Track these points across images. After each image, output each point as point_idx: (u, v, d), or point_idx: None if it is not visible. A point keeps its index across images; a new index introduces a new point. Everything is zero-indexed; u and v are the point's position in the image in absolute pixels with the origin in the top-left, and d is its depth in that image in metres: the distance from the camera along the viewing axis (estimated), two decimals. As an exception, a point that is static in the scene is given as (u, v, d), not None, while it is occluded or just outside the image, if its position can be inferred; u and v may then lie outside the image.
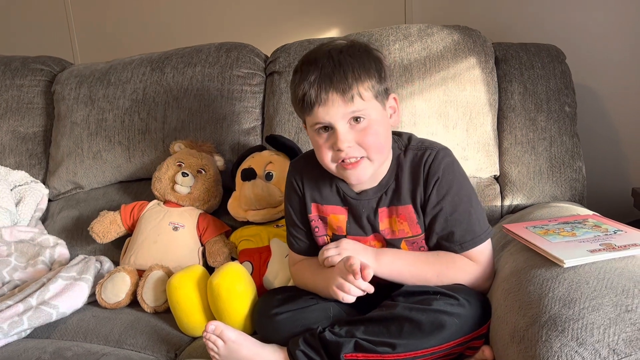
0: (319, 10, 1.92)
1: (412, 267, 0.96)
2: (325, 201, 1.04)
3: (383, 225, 1.00)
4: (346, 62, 0.91)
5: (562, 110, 1.33)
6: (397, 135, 1.04)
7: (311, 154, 1.06)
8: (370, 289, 0.91)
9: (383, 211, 1.00)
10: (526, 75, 1.36)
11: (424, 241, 1.00)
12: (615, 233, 0.90)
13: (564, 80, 1.36)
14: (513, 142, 1.34)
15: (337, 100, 0.89)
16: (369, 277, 0.90)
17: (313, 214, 1.05)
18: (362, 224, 1.01)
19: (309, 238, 1.08)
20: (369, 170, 0.95)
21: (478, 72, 1.34)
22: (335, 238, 1.04)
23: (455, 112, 1.33)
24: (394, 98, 0.99)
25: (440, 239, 0.98)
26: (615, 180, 1.61)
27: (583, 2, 1.60)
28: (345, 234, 1.03)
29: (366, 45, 0.97)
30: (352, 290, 0.91)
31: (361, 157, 0.93)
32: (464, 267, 0.96)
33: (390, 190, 0.99)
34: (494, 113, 1.35)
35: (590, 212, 1.08)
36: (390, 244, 1.00)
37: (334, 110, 0.90)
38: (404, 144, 1.01)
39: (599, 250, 0.82)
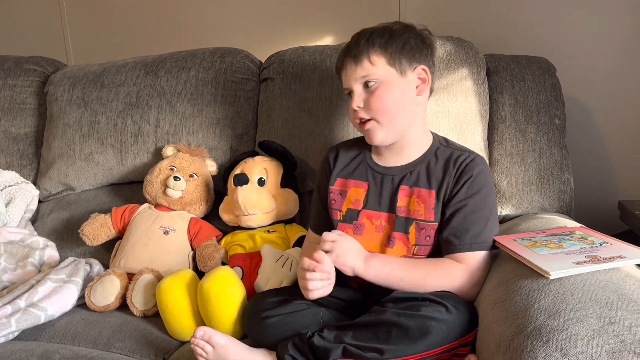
0: (313, 18, 1.93)
1: (400, 270, 0.98)
2: (352, 176, 1.13)
3: (401, 202, 1.06)
4: (365, 33, 1.06)
5: (552, 123, 1.35)
6: (442, 137, 1.14)
7: (349, 140, 1.22)
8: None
9: (404, 189, 1.06)
10: (517, 87, 1.38)
11: (433, 231, 1.03)
12: (601, 245, 0.91)
13: (554, 93, 1.37)
14: (503, 153, 1.35)
15: (351, 64, 1.04)
16: (319, 258, 0.95)
17: (335, 187, 1.13)
18: (380, 198, 1.08)
19: (327, 218, 1.13)
20: (379, 133, 1.05)
21: (470, 83, 1.35)
22: (348, 213, 1.10)
23: (446, 122, 1.34)
24: (423, 69, 1.07)
25: (451, 235, 1.01)
26: (603, 192, 1.63)
27: (574, 16, 1.62)
28: (361, 207, 1.09)
29: (409, 25, 1.08)
30: (309, 285, 0.95)
31: (370, 119, 1.04)
32: (450, 270, 0.99)
33: (416, 172, 1.07)
34: (484, 124, 1.36)
35: (578, 224, 1.10)
36: (401, 222, 1.04)
37: (349, 73, 1.05)
38: (447, 142, 1.12)
39: (585, 262, 0.84)
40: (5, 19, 2.35)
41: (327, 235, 1.00)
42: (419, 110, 1.09)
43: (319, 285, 0.95)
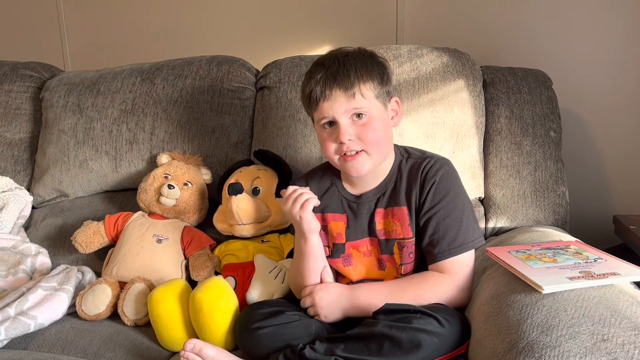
0: (311, 28, 1.94)
1: (389, 296, 0.98)
2: (328, 209, 1.11)
3: (379, 225, 1.06)
4: (350, 63, 1.01)
5: (548, 136, 1.35)
6: (402, 147, 1.12)
7: (315, 170, 1.18)
8: None
9: (380, 212, 1.06)
10: (513, 99, 1.38)
11: (414, 247, 1.04)
12: (595, 261, 0.91)
13: (550, 105, 1.38)
14: (498, 165, 1.35)
15: (340, 96, 0.99)
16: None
17: None
18: (360, 226, 1.08)
19: None
20: (367, 164, 1.03)
21: (466, 95, 1.36)
22: (335, 247, 1.10)
23: (442, 134, 1.34)
24: (396, 101, 1.08)
25: (429, 245, 1.01)
26: (598, 206, 1.63)
27: (571, 29, 1.63)
28: (344, 240, 1.09)
29: (372, 52, 1.07)
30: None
31: (360, 150, 1.01)
32: (436, 285, 0.99)
33: (389, 192, 1.06)
34: (480, 136, 1.36)
35: (573, 239, 1.09)
36: (384, 245, 1.05)
37: (337, 105, 1.00)
38: (408, 153, 1.09)
39: (578, 277, 0.83)
40: (3, 24, 2.35)
41: (304, 300, 1.05)
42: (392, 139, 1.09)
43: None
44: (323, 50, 1.90)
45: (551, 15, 1.64)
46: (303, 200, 1.01)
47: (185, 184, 1.40)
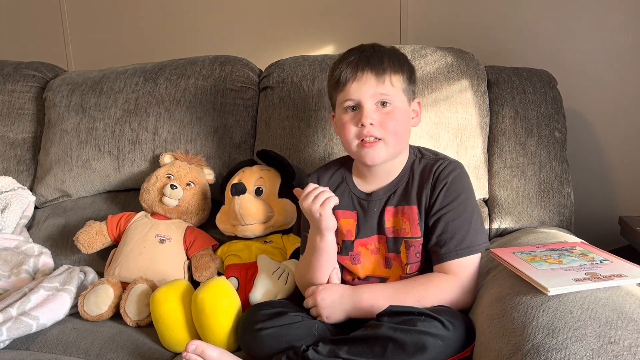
0: (314, 29, 1.93)
1: (392, 298, 0.97)
2: (338, 206, 1.07)
3: (388, 223, 1.06)
4: (384, 53, 1.04)
5: (552, 136, 1.34)
6: (416, 147, 1.13)
7: (327, 165, 1.18)
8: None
9: (390, 210, 1.06)
10: (518, 99, 1.37)
11: (421, 247, 1.03)
12: (601, 262, 0.90)
13: (554, 106, 1.37)
14: (503, 165, 1.34)
15: (371, 79, 1.01)
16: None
17: None
18: (370, 224, 1.07)
19: None
20: (383, 153, 1.02)
21: (470, 95, 1.35)
22: (344, 244, 1.09)
23: (446, 134, 1.33)
24: (418, 102, 1.11)
25: (436, 245, 1.01)
26: (603, 207, 1.62)
27: (576, 29, 1.62)
28: (354, 238, 1.09)
29: (405, 54, 1.10)
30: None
31: (379, 139, 1.01)
32: (441, 286, 0.99)
33: (400, 191, 1.06)
34: (484, 136, 1.35)
35: (578, 240, 1.09)
36: (391, 243, 1.05)
37: (366, 87, 1.01)
38: (421, 153, 1.11)
39: (584, 279, 0.82)
40: (6, 24, 2.35)
41: (306, 301, 1.05)
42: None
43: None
44: (326, 50, 1.91)
45: (556, 15, 1.63)
46: (324, 198, 1.01)
47: (188, 184, 1.39)
